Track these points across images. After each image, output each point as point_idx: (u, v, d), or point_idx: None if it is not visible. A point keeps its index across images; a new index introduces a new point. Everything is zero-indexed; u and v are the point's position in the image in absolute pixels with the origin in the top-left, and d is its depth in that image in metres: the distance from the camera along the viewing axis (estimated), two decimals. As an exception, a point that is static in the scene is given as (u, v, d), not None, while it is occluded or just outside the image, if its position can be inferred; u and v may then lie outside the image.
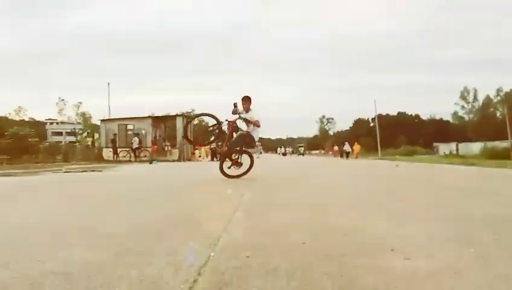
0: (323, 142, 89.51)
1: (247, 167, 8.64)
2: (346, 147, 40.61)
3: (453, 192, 6.31)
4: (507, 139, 33.88)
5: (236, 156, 8.58)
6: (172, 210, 4.26)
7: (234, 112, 8.28)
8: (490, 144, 41.17)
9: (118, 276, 1.91)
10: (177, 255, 2.28)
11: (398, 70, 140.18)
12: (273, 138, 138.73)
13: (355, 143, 41.79)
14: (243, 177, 8.43)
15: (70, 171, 13.32)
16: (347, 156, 39.08)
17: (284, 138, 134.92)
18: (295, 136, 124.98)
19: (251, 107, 8.50)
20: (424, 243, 2.66)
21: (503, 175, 10.75)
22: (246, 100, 8.46)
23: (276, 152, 76.82)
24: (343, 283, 1.84)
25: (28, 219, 3.75)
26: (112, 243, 2.61)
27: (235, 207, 4.27)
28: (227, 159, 8.58)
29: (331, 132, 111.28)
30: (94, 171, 13.84)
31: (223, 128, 8.40)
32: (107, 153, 25.71)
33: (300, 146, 79.84)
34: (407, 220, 3.51)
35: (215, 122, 8.52)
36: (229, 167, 8.52)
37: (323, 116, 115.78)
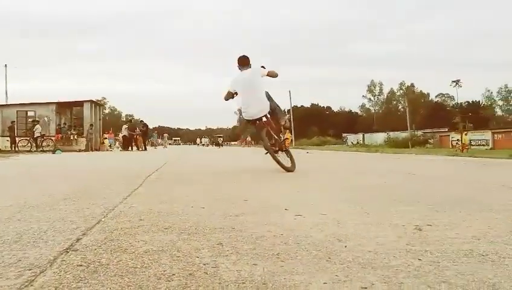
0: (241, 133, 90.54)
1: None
2: None
3: (346, 171, 6.81)
4: (407, 129, 37.34)
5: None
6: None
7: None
8: (392, 134, 45.09)
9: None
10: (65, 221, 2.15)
11: (312, 63, 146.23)
12: (191, 128, 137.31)
13: (287, 132, 36.19)
14: None
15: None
16: None
17: (203, 128, 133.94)
18: (215, 127, 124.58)
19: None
20: (316, 204, 2.83)
21: (392, 157, 11.86)
22: (238, 62, 6.06)
23: (196, 143, 75.98)
24: (234, 233, 1.88)
25: None
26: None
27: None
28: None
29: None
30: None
31: None
32: (4, 143, 23.25)
33: (219, 136, 79.97)
34: (304, 190, 3.71)
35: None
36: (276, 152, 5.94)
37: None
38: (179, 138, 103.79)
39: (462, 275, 1.32)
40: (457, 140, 25.79)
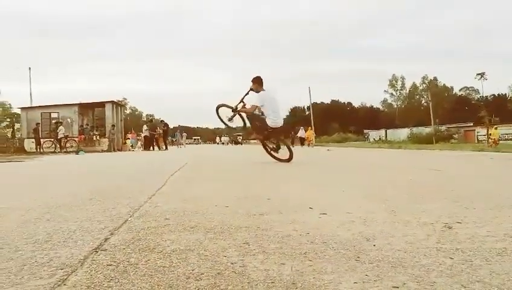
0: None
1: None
2: (301, 133, 35.16)
3: (369, 168, 6.72)
4: (431, 124, 36.56)
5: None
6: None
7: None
8: (415, 129, 44.22)
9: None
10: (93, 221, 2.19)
11: (332, 58, 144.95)
12: (211, 127, 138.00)
13: (309, 129, 35.69)
14: None
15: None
16: (302, 144, 33.39)
17: (223, 127, 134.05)
18: (234, 126, 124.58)
19: (264, 88, 7.51)
20: (341, 202, 2.80)
21: (416, 154, 11.63)
22: (255, 81, 7.50)
23: (216, 142, 76.47)
24: (260, 232, 1.88)
25: None
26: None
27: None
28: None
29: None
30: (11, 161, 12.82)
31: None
32: (30, 144, 23.93)
33: (238, 135, 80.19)
34: (328, 188, 3.68)
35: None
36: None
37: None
38: (199, 137, 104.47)
39: (497, 275, 1.28)
40: (489, 134, 25.07)
